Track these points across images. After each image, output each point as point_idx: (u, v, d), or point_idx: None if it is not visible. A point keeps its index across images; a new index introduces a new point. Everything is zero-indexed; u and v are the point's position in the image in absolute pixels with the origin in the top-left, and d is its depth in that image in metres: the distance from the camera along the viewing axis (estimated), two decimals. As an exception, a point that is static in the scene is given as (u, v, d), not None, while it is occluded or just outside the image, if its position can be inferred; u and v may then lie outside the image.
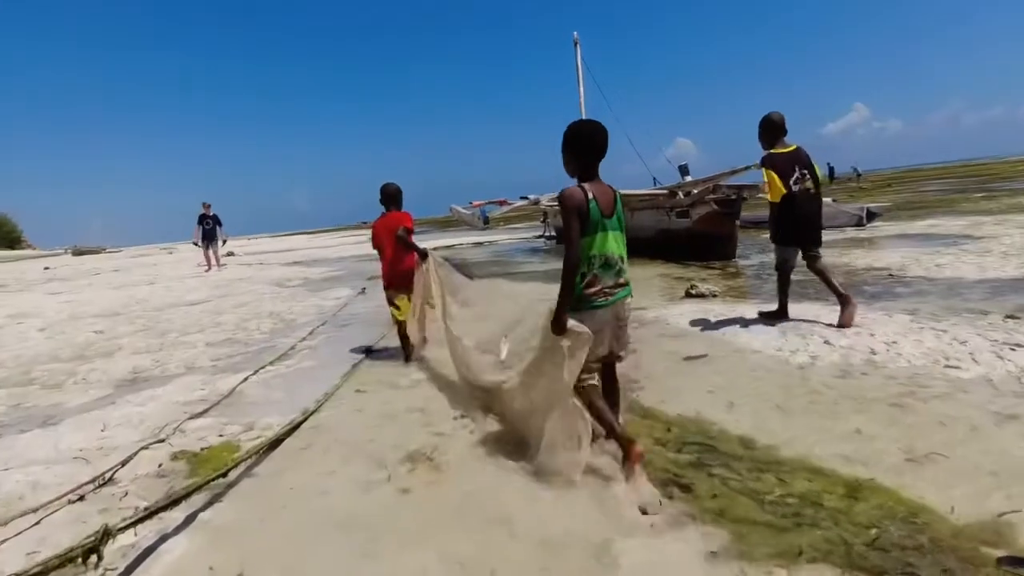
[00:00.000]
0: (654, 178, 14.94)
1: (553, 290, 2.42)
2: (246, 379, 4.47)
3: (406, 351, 4.79)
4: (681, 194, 10.18)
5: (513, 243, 18.73)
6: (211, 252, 16.63)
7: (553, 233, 18.67)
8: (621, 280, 2.50)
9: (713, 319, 5.14)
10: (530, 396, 2.68)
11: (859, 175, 38.79)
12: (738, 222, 8.98)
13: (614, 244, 2.45)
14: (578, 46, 16.90)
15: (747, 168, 8.03)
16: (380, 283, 4.99)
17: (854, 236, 10.45)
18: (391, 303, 4.81)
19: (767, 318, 4.78)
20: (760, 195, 6.97)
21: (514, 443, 2.81)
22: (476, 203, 13.08)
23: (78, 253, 42.84)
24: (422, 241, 5.02)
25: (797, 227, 4.47)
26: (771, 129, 4.48)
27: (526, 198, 10.66)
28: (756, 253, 9.56)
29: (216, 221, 16.12)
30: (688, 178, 10.52)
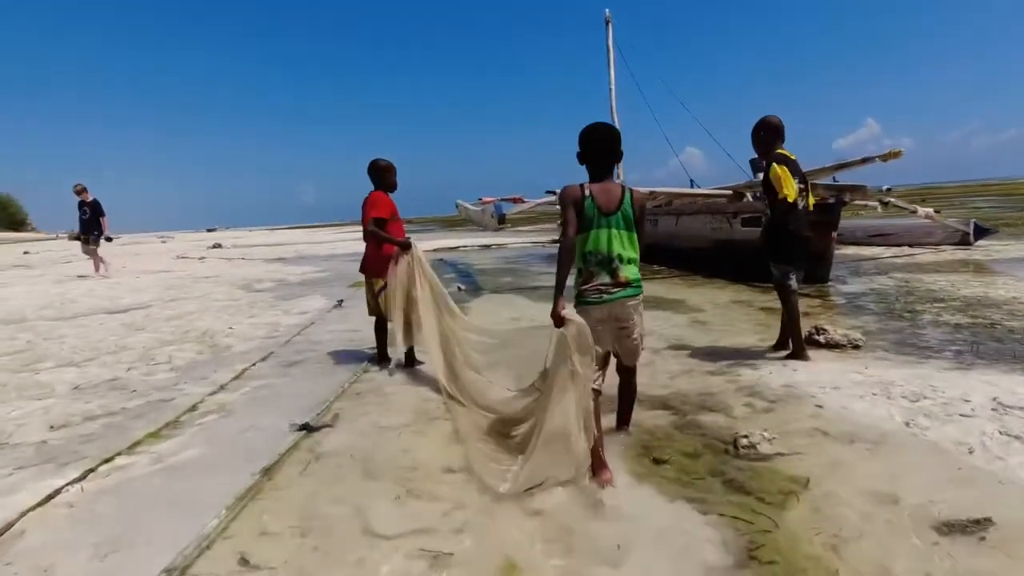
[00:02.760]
0: (691, 179, 12.84)
1: None
2: (24, 514, 2.32)
3: (380, 350, 4.36)
4: (750, 196, 8.02)
5: (525, 248, 16.55)
6: (92, 251, 11.83)
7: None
8: (621, 279, 2.45)
9: (898, 398, 3.00)
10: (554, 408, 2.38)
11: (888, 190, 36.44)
12: (836, 234, 6.79)
13: (613, 242, 2.43)
14: (610, 25, 14.80)
15: (864, 161, 5.87)
16: (364, 294, 4.41)
17: (964, 258, 8.27)
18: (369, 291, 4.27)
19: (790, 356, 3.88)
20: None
21: None
22: (486, 199, 10.94)
23: (73, 238, 41.06)
24: (425, 240, 2.87)
25: (796, 239, 3.85)
26: (770, 132, 3.88)
27: (553, 192, 8.51)
28: (851, 275, 7.38)
29: (95, 210, 11.45)
30: (762, 176, 8.32)
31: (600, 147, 2.50)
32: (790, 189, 3.73)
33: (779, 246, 3.92)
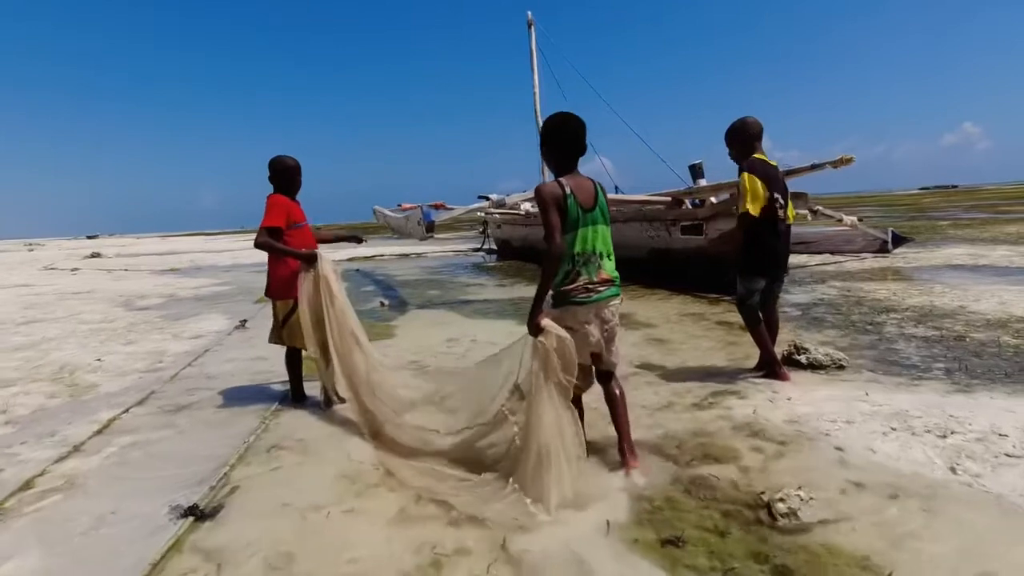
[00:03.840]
0: (616, 186, 12.65)
1: None
2: None
3: (293, 386, 3.56)
4: (690, 203, 7.76)
5: (447, 257, 15.77)
6: None
7: (495, 246, 15.97)
8: (605, 275, 2.37)
9: (923, 433, 2.60)
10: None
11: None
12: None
13: (597, 240, 2.35)
14: (532, 28, 14.44)
15: (814, 167, 5.69)
16: (271, 308, 3.53)
17: (887, 266, 8.46)
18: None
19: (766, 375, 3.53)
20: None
21: None
22: (407, 206, 10.10)
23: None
24: (340, 249, 2.17)
25: (771, 254, 3.49)
26: (746, 135, 3.47)
27: (486, 198, 7.86)
28: (791, 284, 7.24)
29: None
30: (702, 181, 8.09)
31: (572, 137, 2.38)
32: (753, 203, 3.31)
33: (751, 255, 3.51)
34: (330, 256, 3.27)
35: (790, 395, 3.22)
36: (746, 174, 3.33)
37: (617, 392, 2.54)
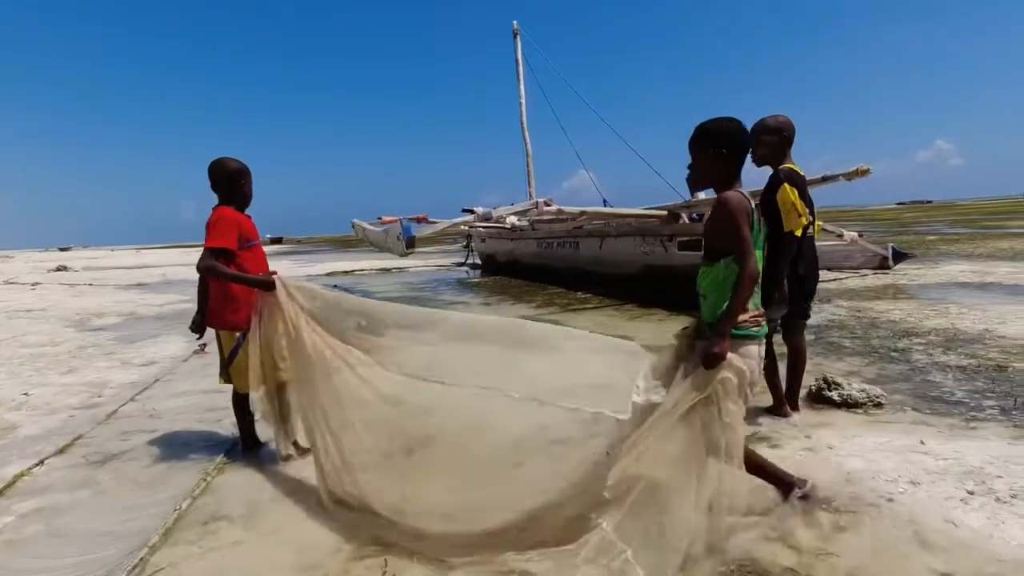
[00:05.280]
0: (604, 199, 12.27)
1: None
2: None
3: (243, 434, 3.00)
4: (687, 217, 7.35)
5: (429, 271, 15.20)
6: None
7: (479, 260, 15.46)
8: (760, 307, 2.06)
9: (1010, 499, 2.13)
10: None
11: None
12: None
13: (759, 263, 2.00)
14: (518, 37, 14.10)
15: (826, 179, 5.30)
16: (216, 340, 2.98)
17: (890, 283, 8.11)
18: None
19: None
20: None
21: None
22: (387, 219, 9.56)
23: None
24: (316, 264, 1.61)
25: (804, 278, 3.07)
26: (784, 136, 3.00)
27: (471, 211, 7.35)
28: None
29: None
30: (702, 195, 7.67)
31: (747, 144, 2.07)
32: (795, 222, 2.86)
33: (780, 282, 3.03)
34: (301, 272, 2.74)
35: (831, 443, 2.75)
36: (789, 187, 2.87)
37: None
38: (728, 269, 1.94)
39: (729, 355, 1.88)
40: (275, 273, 2.70)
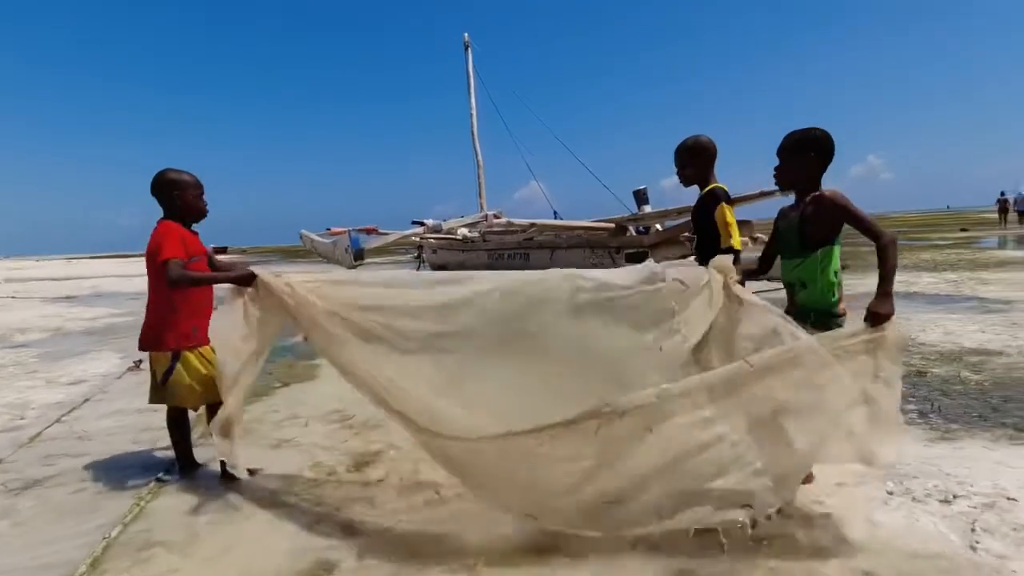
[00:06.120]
0: (554, 211, 12.45)
1: None
2: None
3: (180, 453, 2.90)
4: (634, 230, 7.54)
5: (380, 282, 14.99)
6: None
7: (431, 271, 15.38)
8: None
9: (926, 500, 2.28)
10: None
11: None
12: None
13: None
14: (469, 49, 14.20)
15: (764, 194, 5.54)
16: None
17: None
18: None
19: None
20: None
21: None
22: (336, 230, 9.42)
23: None
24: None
25: None
26: (708, 156, 3.02)
27: (421, 223, 7.33)
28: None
29: None
30: (647, 208, 7.89)
31: (834, 152, 2.34)
32: (736, 238, 3.02)
33: None
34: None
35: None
36: (726, 207, 3.01)
37: None
38: (825, 256, 2.22)
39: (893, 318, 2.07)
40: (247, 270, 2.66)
